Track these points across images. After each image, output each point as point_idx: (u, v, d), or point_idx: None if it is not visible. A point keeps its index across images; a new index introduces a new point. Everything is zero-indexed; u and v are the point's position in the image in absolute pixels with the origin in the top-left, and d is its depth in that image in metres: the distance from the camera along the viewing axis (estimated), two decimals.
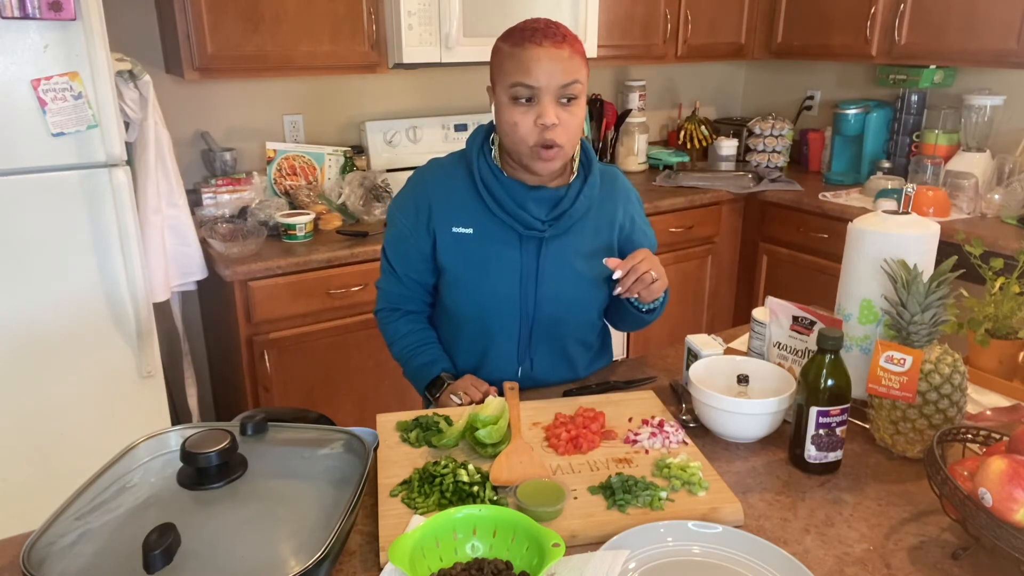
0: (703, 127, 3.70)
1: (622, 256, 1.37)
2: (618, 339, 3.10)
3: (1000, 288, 1.41)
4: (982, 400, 1.36)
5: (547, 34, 1.26)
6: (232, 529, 0.86)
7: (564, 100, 1.27)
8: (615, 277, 1.27)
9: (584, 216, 1.40)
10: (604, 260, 1.29)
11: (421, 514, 1.01)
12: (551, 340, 1.45)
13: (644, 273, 1.26)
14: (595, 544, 0.96)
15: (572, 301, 1.42)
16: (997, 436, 1.07)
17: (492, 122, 1.38)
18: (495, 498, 1.04)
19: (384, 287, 1.50)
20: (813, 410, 1.13)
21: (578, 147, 1.41)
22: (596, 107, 3.37)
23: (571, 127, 1.29)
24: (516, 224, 1.36)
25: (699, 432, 1.27)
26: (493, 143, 1.40)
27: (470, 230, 1.38)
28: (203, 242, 2.34)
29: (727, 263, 3.41)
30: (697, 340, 1.40)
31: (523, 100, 1.27)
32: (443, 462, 1.09)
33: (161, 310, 2.23)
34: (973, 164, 2.88)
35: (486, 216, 1.38)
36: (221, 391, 2.82)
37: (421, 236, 1.41)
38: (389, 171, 2.92)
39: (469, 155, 1.40)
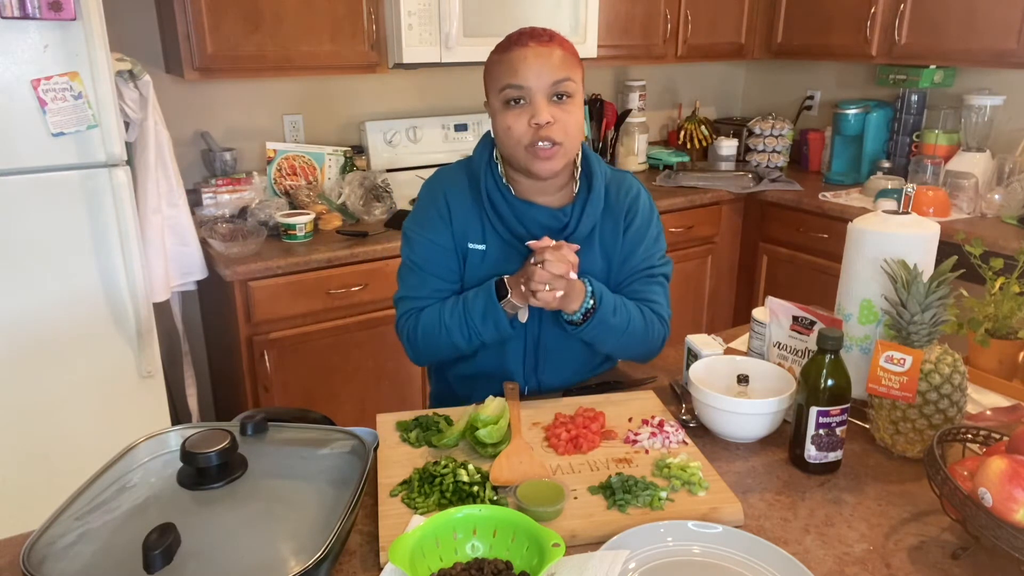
0: (703, 127, 3.70)
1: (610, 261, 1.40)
2: None
3: (1000, 288, 1.40)
4: (982, 400, 1.36)
5: (533, 35, 1.25)
6: (232, 529, 0.86)
7: (557, 97, 1.25)
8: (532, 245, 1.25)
9: (589, 235, 1.37)
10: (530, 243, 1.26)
11: (421, 514, 1.01)
12: (557, 359, 1.43)
13: (552, 263, 1.20)
14: (595, 544, 0.96)
15: None
16: (997, 436, 1.07)
17: None
18: (495, 498, 1.04)
19: (412, 295, 1.40)
20: (813, 410, 1.13)
21: (579, 156, 1.37)
22: (596, 107, 3.37)
23: (568, 125, 1.26)
24: (521, 246, 1.33)
25: (699, 432, 1.27)
26: (499, 158, 1.36)
27: (483, 247, 1.36)
28: (203, 242, 2.34)
29: (727, 263, 3.41)
30: (697, 340, 1.40)
31: (515, 102, 1.25)
32: (443, 462, 1.09)
33: (161, 310, 2.23)
34: (973, 164, 2.88)
35: (493, 234, 1.36)
36: (221, 391, 2.82)
37: (452, 245, 1.37)
38: (389, 171, 2.92)
39: (476, 169, 1.36)
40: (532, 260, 1.23)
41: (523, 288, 1.25)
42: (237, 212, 2.54)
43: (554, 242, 1.25)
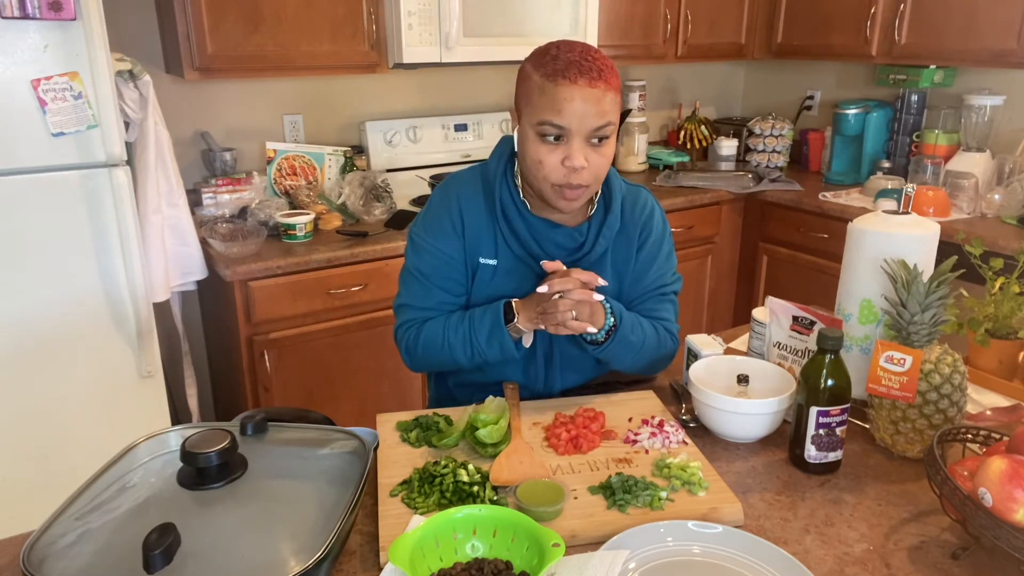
0: (703, 127, 3.70)
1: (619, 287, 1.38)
2: None
3: (1000, 288, 1.41)
4: (982, 400, 1.36)
5: (582, 69, 1.15)
6: (232, 529, 0.86)
7: (595, 140, 1.20)
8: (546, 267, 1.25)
9: (603, 255, 1.35)
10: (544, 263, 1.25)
11: (421, 514, 1.01)
12: (567, 374, 1.42)
13: (574, 292, 1.20)
14: (595, 544, 0.96)
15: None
16: (997, 436, 1.07)
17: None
18: (495, 498, 1.04)
19: (416, 304, 1.37)
20: (813, 410, 1.13)
21: None
22: None
23: (600, 168, 1.23)
24: (534, 263, 1.31)
25: (699, 432, 1.27)
26: (517, 172, 1.32)
27: (494, 262, 1.33)
28: (203, 242, 2.34)
29: (727, 263, 3.41)
30: (697, 340, 1.40)
31: (551, 138, 1.20)
32: (443, 462, 1.09)
33: (161, 310, 2.23)
34: (973, 164, 2.88)
35: (506, 249, 1.33)
36: (221, 391, 2.82)
37: (462, 257, 1.35)
38: (389, 171, 2.92)
39: (491, 179, 1.32)
40: (547, 290, 1.21)
41: (543, 325, 1.25)
42: (237, 212, 2.54)
43: (564, 267, 1.24)
